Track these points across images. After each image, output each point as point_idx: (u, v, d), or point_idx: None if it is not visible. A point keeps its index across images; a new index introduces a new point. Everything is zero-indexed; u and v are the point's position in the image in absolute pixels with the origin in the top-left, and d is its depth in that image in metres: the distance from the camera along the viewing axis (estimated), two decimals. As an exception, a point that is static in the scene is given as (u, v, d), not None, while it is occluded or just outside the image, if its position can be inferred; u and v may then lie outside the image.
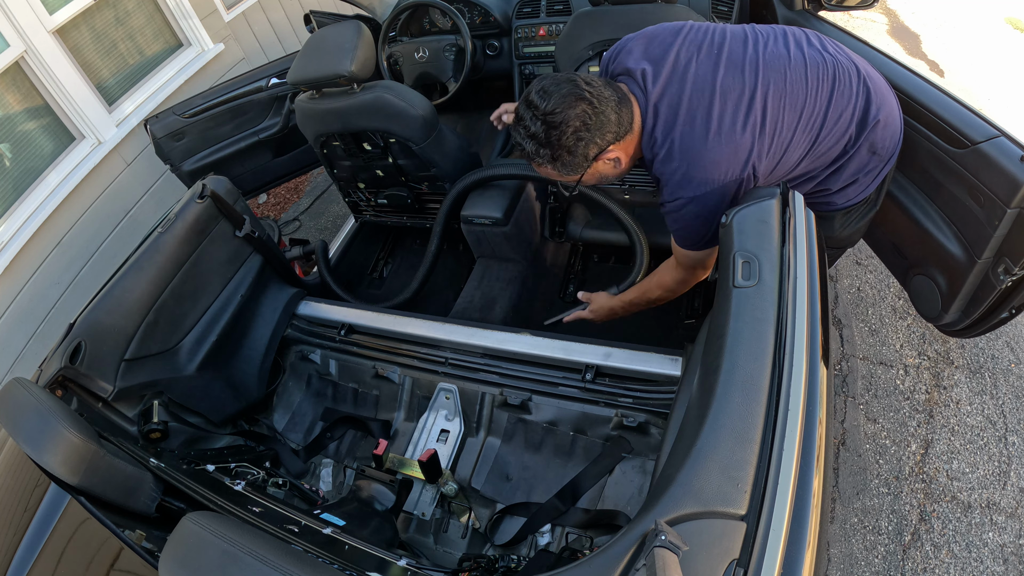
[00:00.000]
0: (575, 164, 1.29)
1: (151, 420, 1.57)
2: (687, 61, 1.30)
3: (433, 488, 1.62)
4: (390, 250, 2.86)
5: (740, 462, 0.84)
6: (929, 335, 2.42)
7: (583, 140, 1.24)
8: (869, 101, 1.36)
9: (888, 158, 1.48)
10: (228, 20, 3.70)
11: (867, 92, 1.36)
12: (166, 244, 1.65)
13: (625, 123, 1.28)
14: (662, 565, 0.70)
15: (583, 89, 1.22)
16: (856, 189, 1.49)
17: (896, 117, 1.45)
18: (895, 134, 1.45)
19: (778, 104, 1.28)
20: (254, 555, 0.77)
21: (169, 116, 2.47)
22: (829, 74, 1.33)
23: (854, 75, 1.36)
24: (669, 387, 1.49)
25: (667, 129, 1.28)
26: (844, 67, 1.35)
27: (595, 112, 1.22)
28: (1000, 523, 1.90)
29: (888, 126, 1.41)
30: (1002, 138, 1.46)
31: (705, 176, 1.27)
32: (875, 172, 1.47)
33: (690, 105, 1.27)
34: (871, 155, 1.43)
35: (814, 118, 1.33)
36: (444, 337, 1.76)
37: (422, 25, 2.68)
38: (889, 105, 1.42)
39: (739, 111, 1.26)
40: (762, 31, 1.39)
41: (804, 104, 1.31)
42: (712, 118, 1.26)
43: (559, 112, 1.21)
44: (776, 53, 1.32)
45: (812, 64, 1.32)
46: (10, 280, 2.59)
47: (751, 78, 1.27)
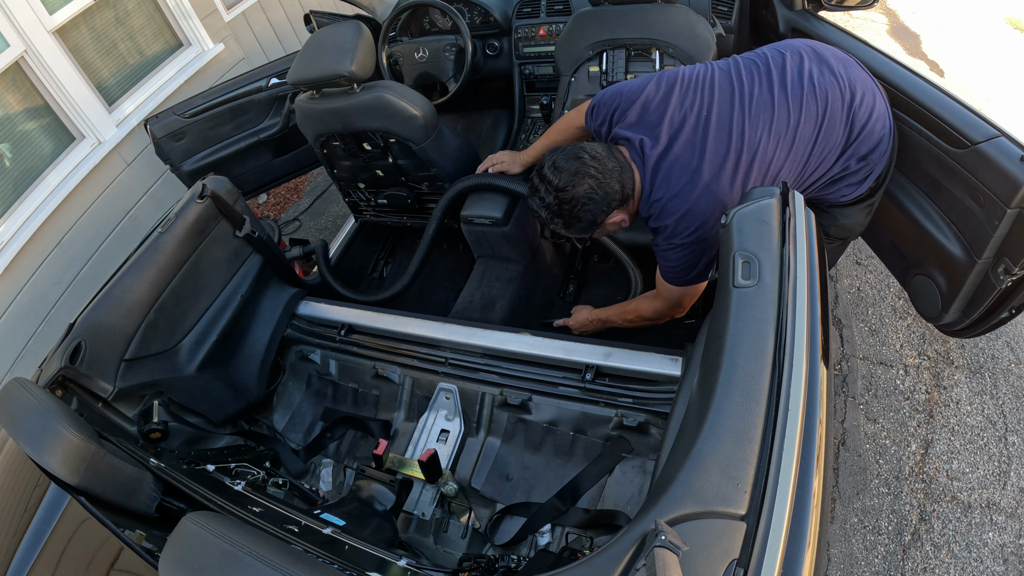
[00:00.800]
0: (585, 228, 1.48)
1: (151, 420, 1.57)
2: (679, 127, 1.43)
3: (433, 488, 1.62)
4: (390, 250, 2.86)
5: (740, 462, 0.84)
6: (929, 335, 2.42)
7: (590, 210, 1.42)
8: (853, 121, 1.45)
9: (878, 160, 1.52)
10: (228, 20, 3.70)
11: (851, 112, 1.44)
12: (166, 244, 1.65)
13: (627, 190, 1.44)
14: (662, 565, 0.70)
15: (589, 166, 1.40)
16: (849, 189, 1.57)
17: (881, 120, 1.49)
18: (882, 137, 1.50)
19: (765, 155, 1.41)
20: (254, 555, 0.77)
21: (169, 116, 2.47)
22: (818, 108, 1.42)
23: (839, 98, 1.43)
24: (669, 387, 1.49)
25: (661, 192, 1.43)
26: (832, 93, 1.42)
27: (600, 185, 1.40)
28: (1000, 523, 1.90)
29: (874, 135, 1.47)
30: (1002, 138, 1.46)
31: (694, 229, 1.42)
32: (864, 174, 1.54)
33: (682, 170, 1.41)
34: (860, 163, 1.51)
35: (802, 154, 1.44)
36: (444, 337, 1.76)
37: (422, 25, 2.68)
38: (876, 115, 1.47)
39: (725, 171, 1.40)
40: (747, 71, 1.46)
41: (792, 145, 1.42)
42: (702, 180, 1.40)
43: (569, 189, 1.40)
44: (762, 103, 1.41)
45: (796, 103, 1.41)
46: (10, 280, 2.59)
47: (738, 140, 1.40)
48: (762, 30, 2.30)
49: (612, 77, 1.93)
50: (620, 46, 1.91)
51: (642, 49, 1.89)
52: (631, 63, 1.91)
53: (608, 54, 1.93)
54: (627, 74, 1.91)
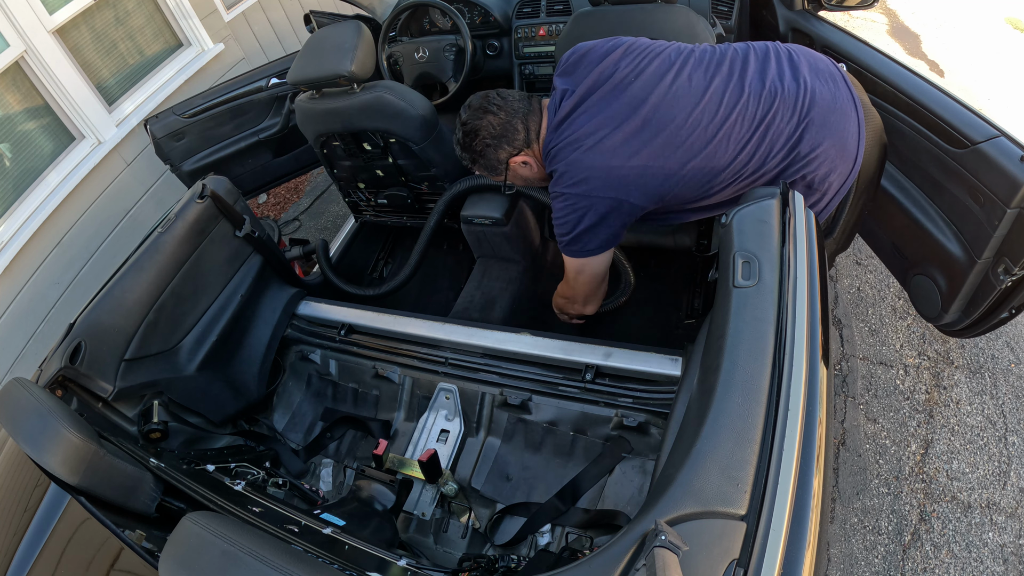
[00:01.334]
0: (492, 167, 1.52)
1: (151, 420, 1.57)
2: (598, 87, 1.42)
3: (433, 488, 1.62)
4: (390, 250, 2.86)
5: (740, 462, 0.84)
6: (929, 335, 2.42)
7: (492, 146, 1.48)
8: (800, 140, 1.33)
9: (833, 194, 1.42)
10: (228, 20, 3.70)
11: (801, 128, 1.32)
12: (166, 244, 1.65)
13: (531, 132, 1.48)
14: (662, 565, 0.70)
15: (493, 103, 1.47)
16: None
17: (844, 153, 1.36)
18: (841, 170, 1.38)
19: (675, 137, 1.34)
20: (254, 555, 0.77)
21: (169, 116, 2.47)
22: (756, 108, 1.33)
23: (789, 107, 1.32)
24: (669, 387, 1.49)
25: (556, 140, 1.44)
26: (782, 97, 1.32)
27: (501, 123, 1.46)
28: (1000, 523, 1.91)
29: (827, 161, 1.35)
30: (1002, 138, 1.46)
31: (574, 182, 1.41)
32: (819, 206, 1.44)
33: (583, 123, 1.41)
34: (807, 188, 1.40)
35: (731, 152, 1.35)
36: (444, 337, 1.76)
37: (422, 25, 2.68)
38: (836, 138, 1.33)
39: (618, 133, 1.36)
40: (698, 57, 1.40)
41: (714, 139, 1.34)
42: (594, 137, 1.39)
43: (471, 123, 1.48)
44: (692, 87, 1.36)
45: (734, 97, 1.33)
46: (10, 280, 2.59)
47: (649, 111, 1.36)
48: (762, 30, 2.30)
49: (612, 77, 1.93)
50: (620, 46, 1.91)
51: (642, 49, 1.89)
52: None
53: (608, 54, 1.93)
54: (627, 74, 1.91)
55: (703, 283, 2.27)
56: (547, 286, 2.40)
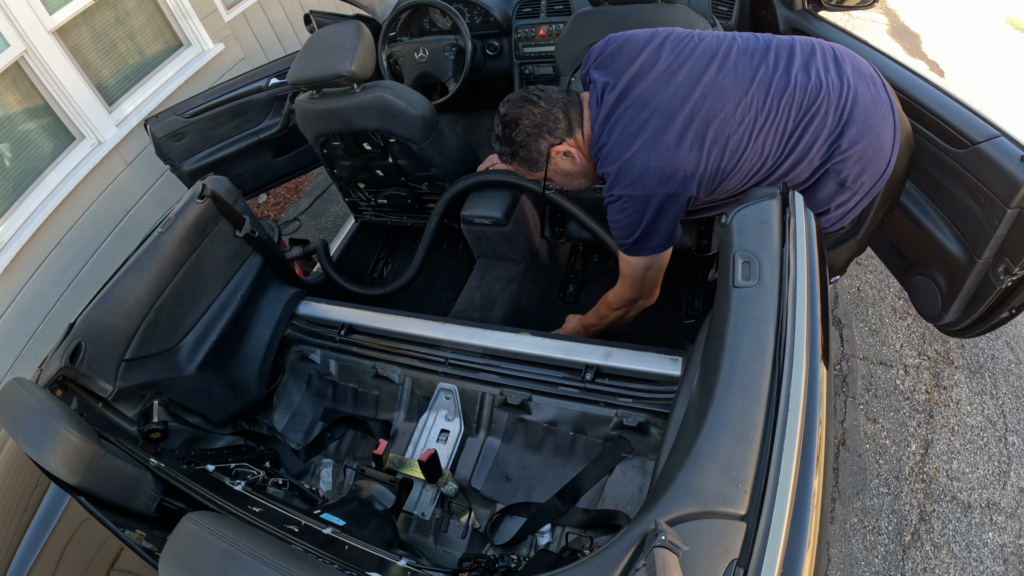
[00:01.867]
0: (533, 160, 1.48)
1: (151, 420, 1.57)
2: (643, 77, 1.39)
3: (433, 488, 1.62)
4: (390, 250, 2.86)
5: (740, 462, 0.84)
6: (929, 335, 2.42)
7: (533, 136, 1.43)
8: (841, 134, 1.33)
9: (863, 194, 1.42)
10: (228, 20, 3.70)
11: (843, 123, 1.32)
12: (166, 244, 1.65)
13: (574, 123, 1.44)
14: (662, 565, 0.70)
15: (532, 94, 1.44)
16: (828, 220, 1.47)
17: (878, 152, 1.36)
18: (874, 170, 1.38)
19: (723, 128, 1.33)
20: (254, 555, 0.77)
21: (169, 116, 2.47)
22: (801, 100, 1.32)
23: (833, 102, 1.32)
24: (669, 387, 1.49)
25: (606, 137, 1.41)
26: (826, 91, 1.32)
27: (542, 112, 1.42)
28: (1000, 523, 1.91)
29: (861, 160, 1.35)
30: (1002, 138, 1.46)
31: (630, 181, 1.38)
32: (848, 206, 1.44)
33: (632, 118, 1.38)
34: (839, 187, 1.39)
35: (774, 144, 1.35)
36: (444, 337, 1.76)
37: (422, 25, 2.68)
38: (872, 139, 1.34)
39: (672, 128, 1.34)
40: (741, 46, 1.38)
41: (758, 130, 1.33)
42: (646, 132, 1.35)
43: (511, 114, 1.45)
44: (739, 75, 1.34)
45: (779, 89, 1.32)
46: (10, 280, 2.59)
47: (698, 102, 1.34)
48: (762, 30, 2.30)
49: (612, 77, 1.93)
50: (620, 46, 1.91)
51: (642, 49, 1.89)
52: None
53: (608, 54, 1.93)
54: (627, 74, 1.91)
55: (703, 283, 2.27)
56: (547, 286, 2.40)
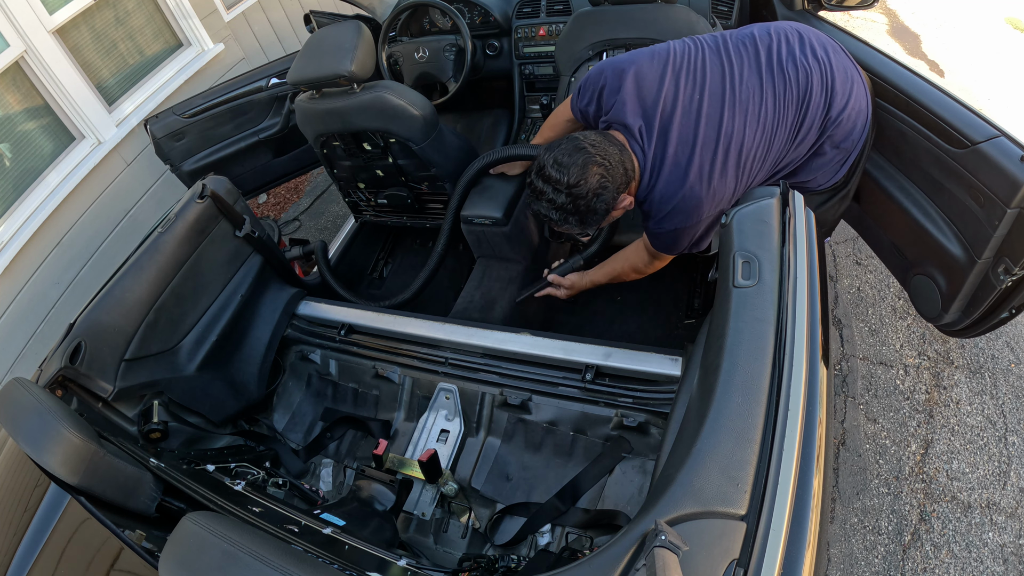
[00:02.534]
0: (598, 219, 1.47)
1: (151, 420, 1.57)
2: (672, 113, 1.46)
3: (433, 488, 1.62)
4: (390, 250, 2.86)
5: (740, 462, 0.84)
6: (929, 335, 2.42)
7: (604, 200, 1.42)
8: (830, 107, 1.49)
9: (852, 148, 1.58)
10: (228, 20, 3.70)
11: (830, 97, 1.48)
12: (166, 244, 1.65)
13: (630, 172, 1.46)
14: (662, 565, 0.70)
15: (594, 156, 1.38)
16: (824, 176, 1.63)
17: (860, 110, 1.52)
18: (859, 126, 1.54)
19: (746, 145, 1.45)
20: (254, 555, 0.77)
21: (169, 116, 2.47)
22: (799, 93, 1.46)
23: (817, 84, 1.46)
24: (669, 387, 1.49)
25: (655, 180, 1.48)
26: (810, 77, 1.46)
27: (608, 172, 1.40)
28: (1000, 523, 1.90)
29: (849, 121, 1.51)
30: (1002, 138, 1.46)
31: (687, 214, 1.49)
32: (840, 162, 1.60)
33: (676, 161, 1.45)
34: (834, 149, 1.55)
35: (781, 140, 1.49)
36: (444, 337, 1.76)
37: (422, 25, 2.68)
38: (852, 100, 1.50)
39: (716, 160, 1.44)
40: (736, 52, 1.49)
41: (773, 133, 1.48)
42: (692, 174, 1.44)
43: (582, 184, 1.37)
44: (751, 88, 1.45)
45: (781, 88, 1.46)
46: (10, 280, 2.59)
47: (727, 133, 1.44)
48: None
49: (612, 77, 1.93)
50: (620, 46, 1.91)
51: (642, 49, 1.89)
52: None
53: (608, 54, 1.93)
54: (627, 74, 1.92)
55: (703, 283, 2.27)
56: (547, 286, 2.40)
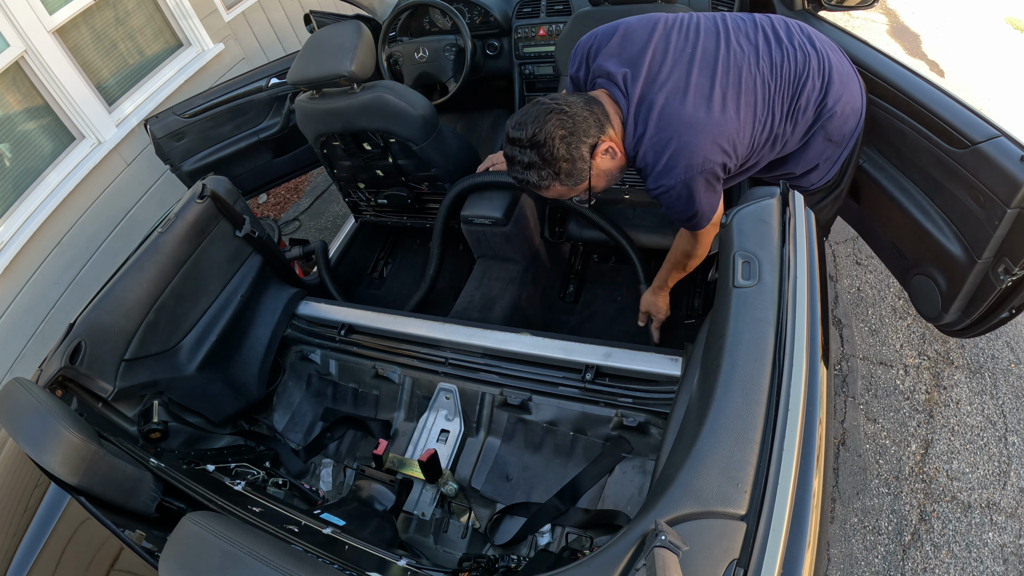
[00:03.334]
0: (577, 170, 1.36)
1: (151, 420, 1.57)
2: (661, 61, 1.40)
3: (433, 488, 1.62)
4: (390, 250, 2.86)
5: (740, 462, 0.84)
6: (929, 335, 2.42)
7: (571, 143, 1.32)
8: (826, 94, 1.47)
9: (845, 144, 1.58)
10: (228, 20, 3.70)
11: (826, 85, 1.47)
12: (166, 244, 1.65)
13: (600, 118, 1.37)
14: (662, 565, 0.70)
15: (547, 104, 1.33)
16: (818, 174, 1.62)
17: (854, 107, 1.53)
18: (852, 122, 1.54)
19: (748, 99, 1.40)
20: (254, 555, 0.77)
21: (169, 116, 2.47)
22: (794, 68, 1.44)
23: (815, 68, 1.45)
24: (669, 387, 1.49)
25: (646, 126, 1.38)
26: (809, 60, 1.45)
27: (568, 116, 1.32)
28: (1000, 523, 1.90)
29: (843, 115, 1.50)
30: (1002, 138, 1.46)
31: (681, 165, 1.36)
32: (833, 159, 1.60)
33: (666, 104, 1.36)
34: (827, 142, 1.54)
35: (782, 109, 1.45)
36: (444, 337, 1.76)
37: (422, 25, 2.68)
38: (848, 96, 1.49)
39: (714, 98, 1.37)
40: (733, 24, 1.47)
41: (773, 96, 1.43)
42: (686, 112, 1.35)
43: (540, 132, 1.31)
44: (745, 51, 1.42)
45: (778, 60, 1.43)
46: (10, 280, 2.59)
47: (723, 78, 1.38)
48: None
49: (612, 77, 1.93)
50: (620, 46, 1.91)
51: (642, 49, 1.89)
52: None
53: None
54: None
55: (703, 283, 2.27)
56: (547, 286, 2.40)
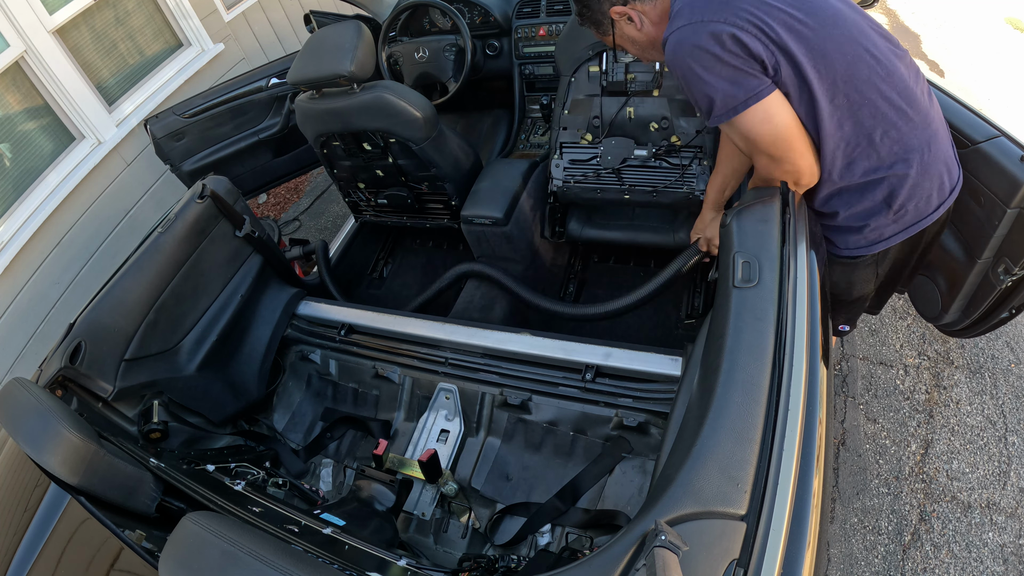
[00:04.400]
0: (599, 21, 1.37)
1: (151, 420, 1.57)
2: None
3: (433, 488, 1.62)
4: (390, 250, 2.86)
5: (740, 462, 0.84)
6: (929, 335, 2.42)
7: None
8: (918, 149, 1.23)
9: (901, 227, 1.31)
10: (228, 20, 3.70)
11: (925, 142, 1.23)
12: (166, 244, 1.65)
13: None
14: (662, 565, 0.70)
15: None
16: (857, 239, 1.35)
17: (931, 195, 1.28)
18: (921, 208, 1.29)
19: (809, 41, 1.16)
20: (254, 555, 0.77)
21: (169, 116, 2.47)
22: (903, 90, 1.20)
23: (922, 119, 1.22)
24: (669, 387, 1.49)
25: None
26: (921, 103, 1.23)
27: None
28: (1000, 523, 1.90)
29: (919, 188, 1.26)
30: (1002, 138, 1.46)
31: (698, 41, 1.17)
32: (881, 230, 1.32)
33: None
34: (884, 204, 1.28)
35: (860, 90, 1.19)
36: (444, 337, 1.76)
37: (422, 25, 2.68)
38: (935, 175, 1.26)
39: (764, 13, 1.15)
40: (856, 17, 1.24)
41: (860, 37, 1.19)
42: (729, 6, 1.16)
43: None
44: (858, 28, 1.20)
45: (891, 66, 1.20)
46: (10, 280, 2.59)
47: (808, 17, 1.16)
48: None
49: (612, 77, 1.93)
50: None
51: (642, 49, 1.89)
52: (631, 63, 1.92)
53: (608, 54, 1.93)
54: (627, 74, 1.92)
55: (703, 283, 2.27)
56: (547, 286, 2.40)
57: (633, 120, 1.96)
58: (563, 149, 2.07)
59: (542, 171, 2.24)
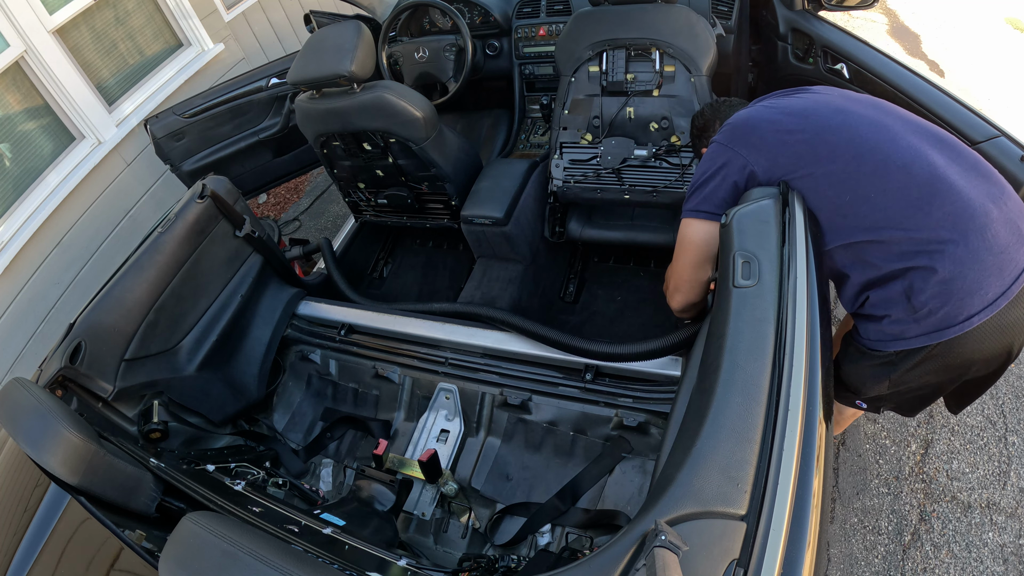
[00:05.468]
0: (697, 149, 1.63)
1: (151, 420, 1.57)
2: None
3: (433, 488, 1.62)
4: (390, 250, 2.86)
5: (740, 462, 0.84)
6: (929, 335, 2.41)
7: (696, 137, 1.63)
8: (946, 246, 1.10)
9: (921, 331, 1.16)
10: (228, 20, 3.70)
11: (956, 237, 1.09)
12: (166, 244, 1.65)
13: None
14: (662, 565, 0.70)
15: (708, 105, 1.63)
16: (878, 330, 1.22)
17: (963, 304, 1.11)
18: (946, 312, 1.12)
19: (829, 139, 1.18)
20: (254, 555, 0.77)
21: (169, 116, 2.47)
22: (929, 179, 1.12)
23: (961, 213, 1.10)
24: (669, 387, 1.49)
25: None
26: (965, 196, 1.11)
27: (706, 120, 1.59)
28: (1000, 523, 1.90)
29: (946, 289, 1.11)
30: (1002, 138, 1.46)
31: (721, 131, 1.35)
32: (903, 326, 1.18)
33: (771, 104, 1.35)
34: (904, 298, 1.15)
35: (868, 187, 1.15)
36: (444, 337, 1.76)
37: (422, 25, 2.68)
38: (971, 281, 1.10)
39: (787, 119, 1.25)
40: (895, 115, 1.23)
41: (871, 179, 1.15)
42: (764, 110, 1.32)
43: (697, 119, 1.63)
44: (880, 124, 1.20)
45: (913, 153, 1.14)
46: (10, 280, 2.59)
47: (833, 118, 1.21)
48: (762, 30, 2.30)
49: (612, 77, 1.93)
50: (620, 46, 1.92)
51: (642, 49, 1.89)
52: (631, 63, 1.92)
53: (608, 54, 1.93)
54: (627, 74, 1.92)
55: (703, 283, 2.27)
56: (547, 286, 2.40)
57: (633, 120, 1.96)
58: (563, 149, 2.07)
59: (542, 171, 2.24)
